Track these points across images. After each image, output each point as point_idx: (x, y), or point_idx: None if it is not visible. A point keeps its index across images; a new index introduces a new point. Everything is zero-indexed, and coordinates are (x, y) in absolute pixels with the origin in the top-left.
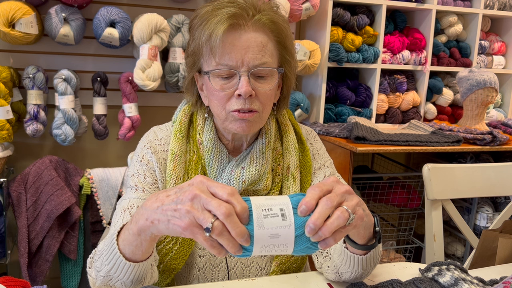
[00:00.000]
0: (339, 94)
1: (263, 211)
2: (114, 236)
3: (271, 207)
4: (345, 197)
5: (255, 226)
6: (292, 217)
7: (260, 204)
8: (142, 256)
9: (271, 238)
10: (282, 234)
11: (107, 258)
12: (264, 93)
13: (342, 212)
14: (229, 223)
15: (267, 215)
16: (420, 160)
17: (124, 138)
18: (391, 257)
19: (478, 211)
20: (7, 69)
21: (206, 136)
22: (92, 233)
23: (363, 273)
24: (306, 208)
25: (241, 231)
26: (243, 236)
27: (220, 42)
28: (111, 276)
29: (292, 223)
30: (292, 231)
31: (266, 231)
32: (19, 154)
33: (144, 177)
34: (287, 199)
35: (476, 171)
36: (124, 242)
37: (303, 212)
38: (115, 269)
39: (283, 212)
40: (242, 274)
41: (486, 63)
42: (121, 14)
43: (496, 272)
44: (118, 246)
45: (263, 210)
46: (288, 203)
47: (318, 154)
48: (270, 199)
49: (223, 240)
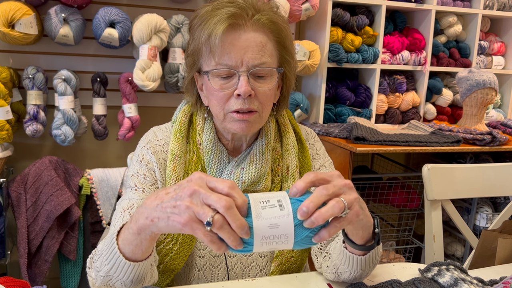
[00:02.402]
0: (338, 94)
1: (260, 203)
2: (114, 236)
3: (268, 199)
4: (344, 190)
5: (253, 217)
6: (290, 206)
7: (257, 197)
8: (142, 256)
9: (271, 229)
10: (281, 224)
11: (107, 258)
12: (264, 93)
13: (338, 202)
14: (229, 215)
15: (265, 206)
16: (419, 161)
17: (123, 138)
18: (391, 258)
19: (478, 212)
20: (6, 70)
21: (205, 136)
22: (91, 234)
23: (362, 273)
24: (296, 190)
25: (242, 223)
26: (243, 229)
27: (219, 42)
28: (110, 276)
29: (290, 212)
30: (291, 220)
31: (265, 221)
32: (18, 154)
33: (143, 177)
34: (284, 192)
35: (475, 172)
36: (124, 241)
37: (293, 193)
38: (115, 269)
39: (281, 203)
40: (242, 274)
41: (485, 64)
42: (121, 14)
43: (495, 272)
44: (118, 246)
45: (261, 202)
46: (285, 195)
47: (318, 155)
48: (267, 193)
49: (224, 234)
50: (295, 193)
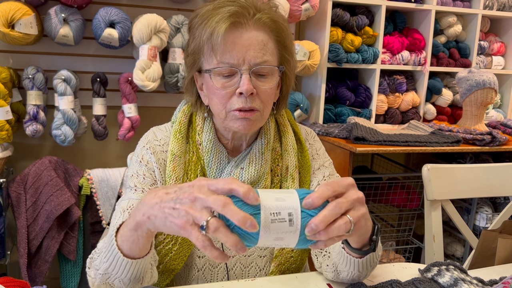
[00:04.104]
0: (338, 94)
1: (271, 215)
2: (113, 233)
3: (279, 210)
4: (355, 205)
5: (261, 229)
6: (300, 222)
7: (269, 206)
8: (140, 253)
9: (275, 240)
10: (286, 238)
11: (106, 256)
12: (265, 92)
13: (346, 223)
14: (227, 212)
15: (275, 220)
16: (419, 161)
17: (123, 138)
18: (391, 258)
19: (478, 212)
20: (6, 70)
21: (205, 136)
22: (91, 234)
23: (359, 275)
24: (311, 203)
25: (243, 216)
26: (246, 221)
27: (221, 40)
28: (109, 274)
29: (298, 229)
30: (297, 236)
31: (272, 235)
32: (18, 154)
33: (143, 177)
34: (296, 200)
35: (475, 172)
36: (122, 238)
37: (307, 205)
38: (113, 266)
39: (291, 218)
40: (241, 274)
41: (485, 64)
42: (121, 14)
43: (495, 272)
44: (116, 243)
45: (272, 214)
46: (298, 207)
47: (317, 155)
48: (280, 199)
49: (220, 237)
50: (309, 207)
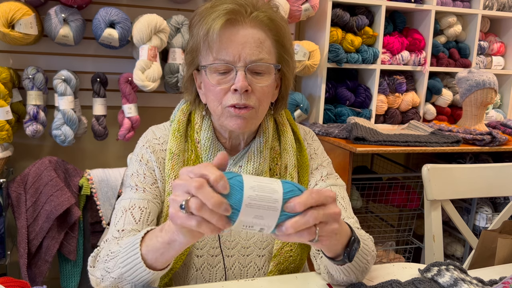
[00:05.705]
0: (338, 94)
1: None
2: (138, 241)
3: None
4: (328, 220)
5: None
6: (276, 222)
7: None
8: (163, 265)
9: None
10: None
11: (124, 261)
12: (261, 89)
13: (310, 234)
14: (201, 195)
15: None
16: (419, 161)
17: (123, 138)
18: (391, 258)
19: (478, 212)
20: (6, 70)
21: (204, 135)
22: (91, 234)
23: (347, 278)
24: (293, 208)
25: (216, 200)
26: (220, 206)
27: (217, 37)
28: (123, 279)
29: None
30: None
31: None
32: (18, 154)
33: (144, 176)
34: (280, 194)
35: (475, 172)
36: (148, 247)
37: (289, 209)
38: (131, 273)
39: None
40: (239, 274)
41: (485, 64)
42: (121, 14)
43: (495, 272)
44: (141, 252)
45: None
46: (278, 208)
47: (316, 154)
48: (264, 189)
49: (206, 215)
50: (291, 210)
